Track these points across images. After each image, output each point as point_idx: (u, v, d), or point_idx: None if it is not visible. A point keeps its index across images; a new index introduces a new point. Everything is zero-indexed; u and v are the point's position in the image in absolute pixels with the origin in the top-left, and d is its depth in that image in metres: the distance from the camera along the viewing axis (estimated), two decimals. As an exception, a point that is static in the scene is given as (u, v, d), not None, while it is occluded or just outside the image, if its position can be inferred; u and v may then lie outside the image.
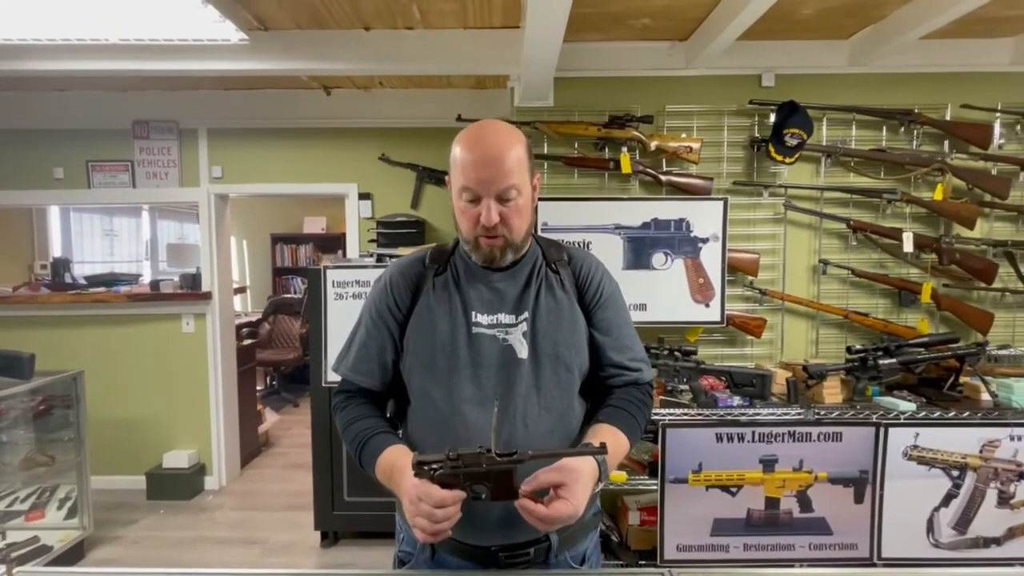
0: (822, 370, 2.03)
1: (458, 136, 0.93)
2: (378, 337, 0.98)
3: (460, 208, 0.92)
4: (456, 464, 0.77)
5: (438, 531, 0.78)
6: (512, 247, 0.93)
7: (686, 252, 2.21)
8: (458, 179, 0.90)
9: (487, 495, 0.78)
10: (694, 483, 1.90)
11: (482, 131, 0.91)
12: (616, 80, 2.33)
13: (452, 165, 0.92)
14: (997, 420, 1.90)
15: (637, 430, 0.95)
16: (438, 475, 0.78)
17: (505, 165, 0.87)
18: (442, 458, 0.78)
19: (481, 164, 0.87)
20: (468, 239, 0.93)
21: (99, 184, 3.18)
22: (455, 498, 0.77)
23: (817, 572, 0.90)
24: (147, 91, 3.09)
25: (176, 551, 2.63)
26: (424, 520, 0.78)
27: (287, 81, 2.93)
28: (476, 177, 0.87)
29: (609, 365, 0.99)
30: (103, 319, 3.21)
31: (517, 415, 0.90)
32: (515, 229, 0.91)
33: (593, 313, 1.00)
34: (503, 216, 0.89)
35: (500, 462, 0.77)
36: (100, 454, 3.13)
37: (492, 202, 0.88)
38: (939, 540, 1.91)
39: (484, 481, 0.77)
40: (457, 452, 0.78)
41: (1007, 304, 2.33)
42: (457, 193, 0.91)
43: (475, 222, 0.90)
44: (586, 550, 1.00)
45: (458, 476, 0.77)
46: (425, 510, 0.77)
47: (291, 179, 3.23)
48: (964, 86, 2.29)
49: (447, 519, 0.78)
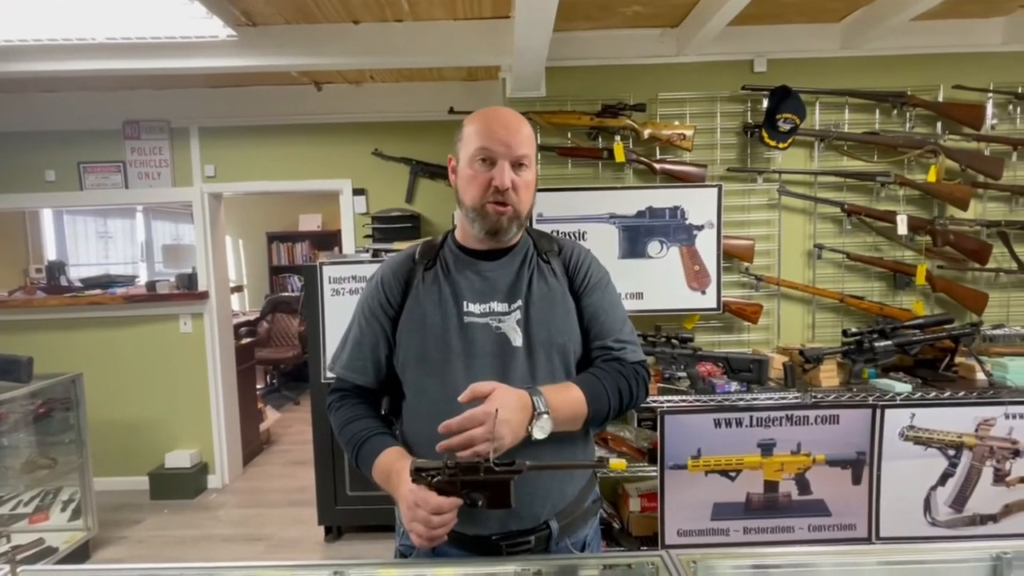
0: (818, 354, 2.04)
1: (468, 118, 0.97)
2: (371, 334, 0.99)
3: (470, 175, 0.93)
4: (454, 473, 0.78)
5: (434, 536, 0.79)
6: (517, 221, 0.94)
7: (681, 240, 2.21)
8: (472, 144, 0.92)
9: (483, 503, 0.78)
10: (693, 469, 1.91)
11: (497, 108, 0.97)
12: (608, 68, 2.32)
13: (463, 138, 0.95)
14: (992, 399, 1.92)
15: (600, 390, 0.93)
16: (435, 482, 0.78)
17: (521, 134, 0.92)
18: (440, 466, 0.78)
19: (501, 128, 0.91)
20: (475, 206, 0.93)
21: (91, 185, 3.16)
22: (451, 505, 0.78)
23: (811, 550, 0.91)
24: (136, 90, 3.07)
25: (181, 550, 2.65)
26: (420, 526, 0.79)
27: (277, 77, 2.91)
28: (496, 139, 0.91)
29: (595, 348, 1.00)
30: (100, 321, 3.21)
31: None
32: (523, 201, 0.94)
33: (582, 298, 1.01)
34: (514, 184, 0.91)
35: (498, 472, 0.77)
36: (102, 455, 3.13)
37: (507, 165, 0.91)
38: (936, 518, 1.94)
39: (481, 490, 0.78)
40: (455, 460, 0.78)
41: (1001, 284, 2.34)
42: (468, 160, 0.93)
43: (485, 187, 0.91)
44: (586, 536, 1.01)
45: (455, 484, 0.78)
46: (422, 516, 0.78)
47: (285, 176, 3.22)
48: (956, 67, 2.28)
49: (443, 525, 0.79)
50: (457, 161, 0.97)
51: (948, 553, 0.89)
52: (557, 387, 0.90)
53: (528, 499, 0.91)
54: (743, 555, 0.93)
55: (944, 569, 0.92)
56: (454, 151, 0.98)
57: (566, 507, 0.96)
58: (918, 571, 0.95)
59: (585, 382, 0.94)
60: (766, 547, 1.90)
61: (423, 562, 0.94)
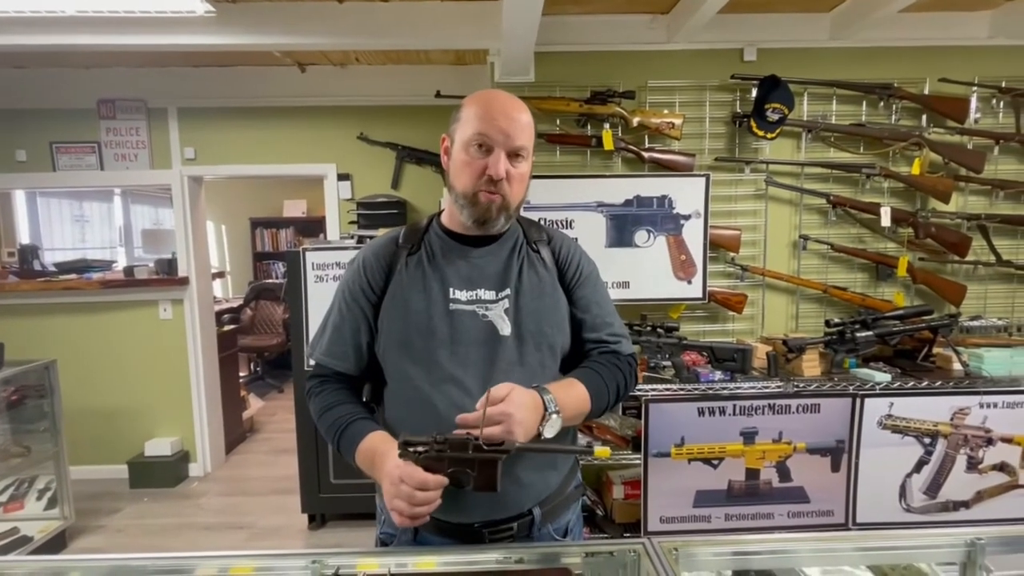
0: (801, 343, 2.06)
1: (468, 99, 0.93)
2: (352, 320, 0.96)
3: (464, 161, 0.90)
4: (442, 448, 0.76)
5: (416, 515, 0.77)
6: (506, 211, 0.92)
7: (668, 229, 2.21)
8: (470, 129, 0.89)
9: (470, 484, 0.76)
10: (676, 457, 1.93)
11: (498, 93, 0.93)
12: (598, 55, 2.29)
13: (461, 120, 0.91)
14: (967, 389, 1.96)
15: (601, 386, 0.94)
16: (422, 458, 0.77)
17: (521, 123, 0.89)
18: (428, 441, 0.77)
19: (501, 115, 0.88)
20: (466, 193, 0.90)
21: (65, 167, 3.06)
22: (437, 483, 0.77)
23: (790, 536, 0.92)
24: (111, 68, 2.96)
25: (161, 538, 2.62)
26: (403, 503, 0.77)
27: (259, 57, 2.82)
28: (495, 126, 0.88)
29: (589, 341, 0.99)
30: (76, 307, 3.12)
31: None
32: (515, 193, 0.92)
33: (573, 291, 1.00)
34: (508, 175, 0.89)
35: (487, 451, 0.75)
36: (80, 444, 3.08)
37: (503, 154, 0.88)
38: (911, 505, 1.98)
39: (468, 469, 0.76)
40: (444, 436, 0.76)
41: (979, 276, 2.38)
42: (464, 145, 0.90)
43: (479, 174, 0.89)
44: (568, 522, 1.01)
45: (443, 461, 0.76)
46: (405, 492, 0.76)
47: (267, 160, 3.14)
48: (942, 60, 2.30)
49: (427, 503, 0.77)
50: (451, 143, 0.93)
51: (924, 539, 0.91)
52: (563, 384, 0.90)
53: (512, 489, 0.90)
54: (723, 542, 0.93)
55: (920, 555, 0.94)
56: (449, 131, 0.94)
57: (549, 495, 0.95)
58: (895, 557, 0.97)
59: (587, 377, 0.93)
60: (746, 534, 1.95)
61: (404, 550, 0.93)
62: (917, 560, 0.97)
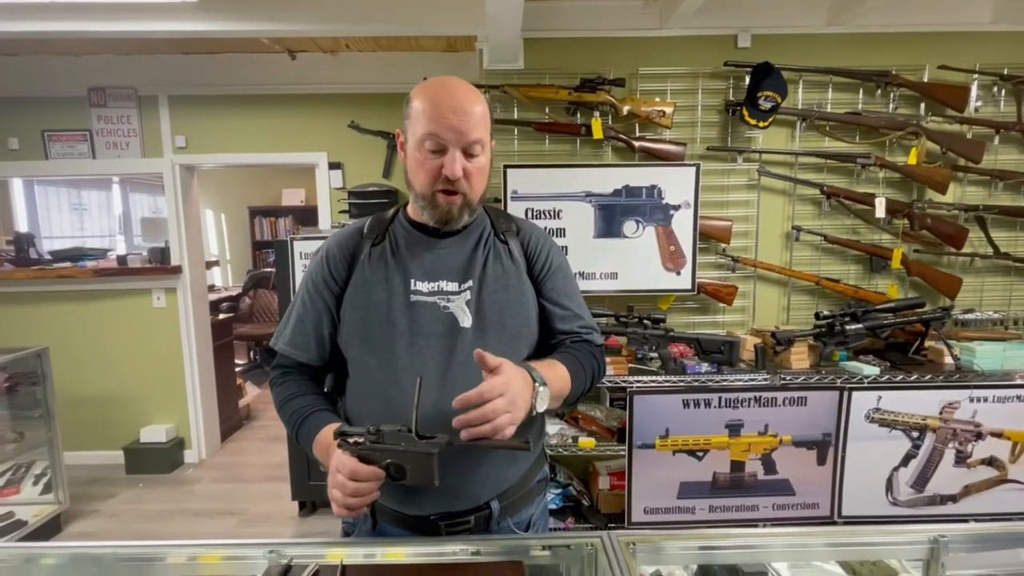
0: (789, 336, 2.04)
1: (417, 89, 0.89)
2: (314, 311, 0.96)
3: (418, 160, 0.87)
4: (376, 439, 0.75)
5: (350, 505, 0.76)
6: (469, 207, 0.90)
7: (658, 220, 2.18)
8: (420, 127, 0.85)
9: (407, 478, 0.74)
10: (661, 448, 1.92)
11: (447, 82, 0.88)
12: (588, 41, 2.25)
13: (411, 116, 0.88)
14: (957, 383, 1.93)
15: (579, 369, 0.93)
16: (359, 449, 0.76)
17: (473, 117, 0.85)
18: (364, 432, 0.76)
19: (451, 111, 0.84)
20: (424, 194, 0.89)
21: (57, 155, 3.06)
22: (369, 474, 0.75)
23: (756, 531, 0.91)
24: (101, 55, 2.95)
25: (154, 523, 2.65)
26: (337, 492, 0.76)
27: (248, 44, 2.80)
28: (445, 124, 0.84)
29: (560, 332, 0.98)
30: (70, 295, 3.14)
31: (458, 385, 0.87)
32: (475, 188, 0.89)
33: (542, 284, 0.98)
34: (466, 172, 0.86)
35: (419, 444, 0.73)
36: (76, 430, 3.12)
37: (458, 153, 0.85)
38: (897, 498, 1.97)
39: (402, 462, 0.74)
40: (378, 427, 0.75)
41: (976, 269, 2.34)
42: (417, 143, 0.87)
43: (435, 175, 0.86)
44: (531, 516, 1.00)
45: (377, 452, 0.75)
46: (339, 481, 0.76)
47: (259, 149, 3.13)
48: (943, 46, 2.23)
49: (361, 494, 0.75)
50: (405, 139, 0.91)
51: (890, 536, 0.89)
52: (544, 363, 0.88)
53: (468, 481, 0.89)
54: (688, 536, 0.93)
55: (885, 551, 0.93)
56: (403, 125, 0.92)
57: (508, 489, 0.95)
58: (860, 553, 0.96)
59: (566, 360, 0.92)
60: (730, 526, 1.94)
61: (361, 542, 0.93)
62: (882, 557, 0.96)
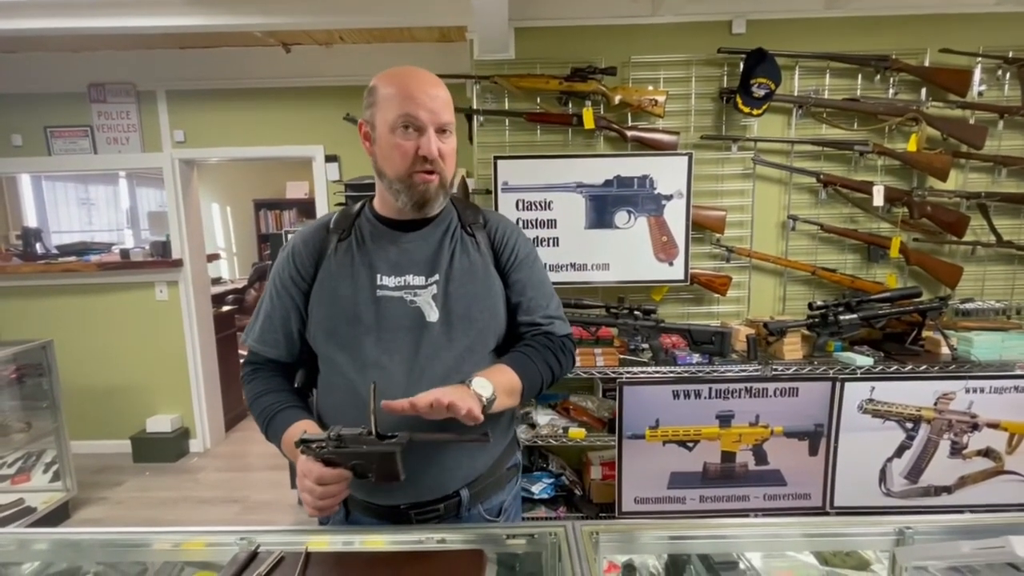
0: (782, 327, 2.02)
1: (379, 78, 0.90)
2: (282, 307, 0.97)
3: (392, 143, 0.88)
4: (337, 444, 0.77)
5: (321, 507, 0.79)
6: (444, 189, 0.92)
7: (649, 210, 2.16)
8: (393, 111, 0.87)
9: (373, 476, 0.77)
10: (651, 439, 1.93)
11: (412, 69, 0.90)
12: (579, 29, 2.22)
13: (379, 102, 0.89)
14: (952, 373, 1.91)
15: (532, 368, 0.93)
16: (321, 453, 0.78)
17: (443, 99, 0.89)
18: (324, 437, 0.78)
19: (423, 93, 0.87)
20: (401, 177, 0.89)
21: (60, 151, 3.10)
22: (335, 476, 0.78)
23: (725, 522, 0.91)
24: (99, 51, 2.97)
25: (159, 510, 2.72)
26: (308, 496, 0.79)
27: (243, 38, 2.80)
28: (420, 104, 0.86)
29: (523, 324, 0.99)
30: (75, 288, 3.21)
31: (424, 379, 0.89)
32: (448, 169, 0.91)
33: (508, 275, 0.99)
34: (440, 152, 0.88)
35: (379, 445, 0.76)
36: (85, 419, 3.20)
37: (433, 132, 0.87)
38: (891, 489, 1.95)
39: (367, 462, 0.77)
40: (339, 432, 0.77)
41: (978, 258, 2.30)
42: (389, 127, 0.87)
43: (411, 157, 0.88)
44: (503, 502, 1.01)
45: (340, 455, 0.77)
46: (307, 486, 0.79)
47: (256, 142, 3.14)
48: (945, 29, 2.17)
49: (329, 496, 0.79)
50: (373, 128, 0.91)
51: (858, 527, 0.89)
52: (490, 371, 0.88)
53: (437, 471, 0.91)
54: (658, 526, 0.93)
55: (852, 542, 0.93)
56: (367, 115, 0.92)
57: (478, 477, 0.96)
58: (829, 543, 0.96)
59: (516, 361, 0.93)
60: (722, 516, 1.95)
61: (330, 529, 0.95)
62: (853, 547, 0.96)
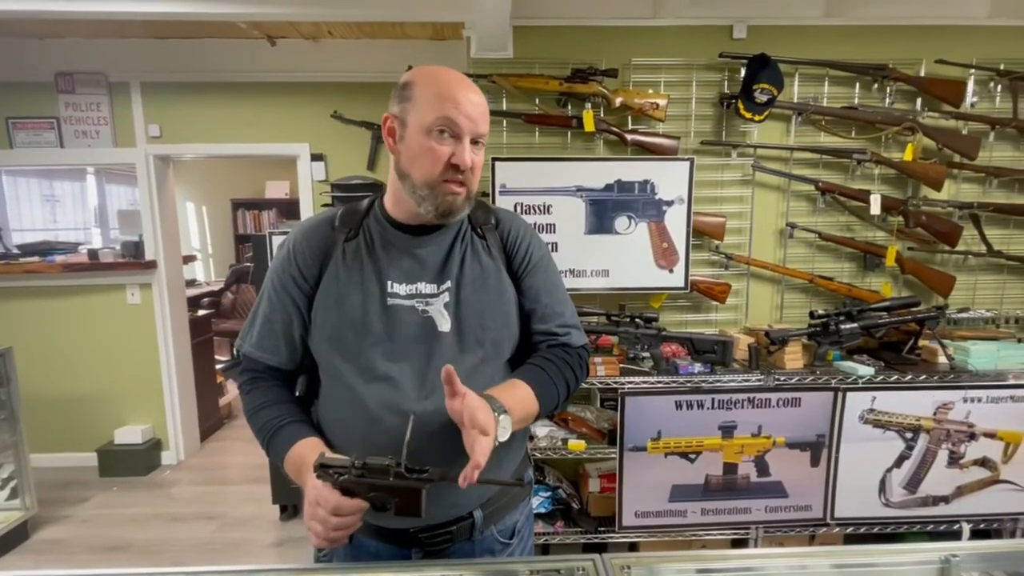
0: (784, 335, 2.00)
1: (417, 74, 0.83)
2: (282, 311, 0.88)
3: (425, 146, 0.80)
4: (361, 473, 0.70)
5: (332, 539, 0.71)
6: (470, 202, 0.86)
7: (650, 215, 2.12)
8: (431, 112, 0.79)
9: (392, 508, 0.70)
10: (653, 451, 1.87)
11: (451, 72, 0.84)
12: (580, 30, 2.17)
13: (415, 100, 0.81)
14: (951, 383, 1.91)
15: (548, 383, 0.87)
16: (340, 481, 0.70)
17: (483, 107, 0.83)
18: (347, 464, 0.70)
19: (466, 100, 0.80)
20: (429, 183, 0.81)
21: (22, 143, 2.91)
22: (353, 508, 0.70)
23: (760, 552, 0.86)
24: (67, 39, 2.80)
25: (128, 529, 2.55)
26: (318, 526, 0.71)
27: (225, 29, 2.67)
28: (463, 112, 0.79)
29: (537, 333, 0.92)
30: (39, 291, 3.00)
31: (436, 392, 0.81)
32: (476, 182, 0.85)
33: (522, 280, 0.92)
34: (472, 163, 0.82)
35: (409, 479, 0.69)
36: (47, 431, 3.00)
37: (468, 142, 0.81)
38: (890, 499, 1.94)
39: (389, 494, 0.70)
40: (364, 460, 0.70)
41: (969, 267, 2.32)
42: (424, 129, 0.80)
43: (443, 163, 0.80)
44: (516, 523, 0.94)
45: (362, 486, 0.70)
46: (320, 515, 0.70)
47: (238, 139, 3.00)
48: (940, 40, 2.19)
49: (343, 528, 0.71)
50: (403, 125, 0.82)
51: (898, 556, 0.85)
52: (505, 387, 0.82)
53: (450, 493, 0.83)
54: (686, 558, 0.87)
55: (893, 571, 0.88)
56: (395, 110, 0.84)
57: (492, 497, 0.89)
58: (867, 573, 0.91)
59: (532, 377, 0.86)
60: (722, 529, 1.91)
61: (338, 567, 0.86)
62: None
